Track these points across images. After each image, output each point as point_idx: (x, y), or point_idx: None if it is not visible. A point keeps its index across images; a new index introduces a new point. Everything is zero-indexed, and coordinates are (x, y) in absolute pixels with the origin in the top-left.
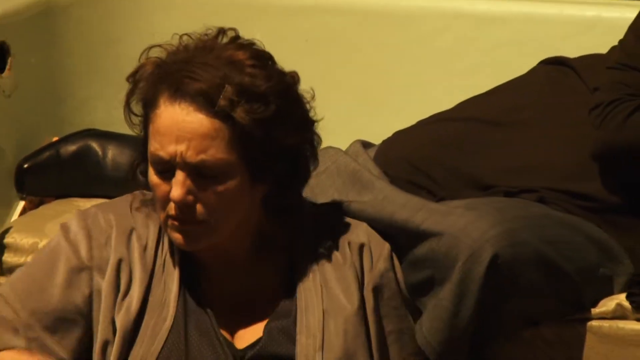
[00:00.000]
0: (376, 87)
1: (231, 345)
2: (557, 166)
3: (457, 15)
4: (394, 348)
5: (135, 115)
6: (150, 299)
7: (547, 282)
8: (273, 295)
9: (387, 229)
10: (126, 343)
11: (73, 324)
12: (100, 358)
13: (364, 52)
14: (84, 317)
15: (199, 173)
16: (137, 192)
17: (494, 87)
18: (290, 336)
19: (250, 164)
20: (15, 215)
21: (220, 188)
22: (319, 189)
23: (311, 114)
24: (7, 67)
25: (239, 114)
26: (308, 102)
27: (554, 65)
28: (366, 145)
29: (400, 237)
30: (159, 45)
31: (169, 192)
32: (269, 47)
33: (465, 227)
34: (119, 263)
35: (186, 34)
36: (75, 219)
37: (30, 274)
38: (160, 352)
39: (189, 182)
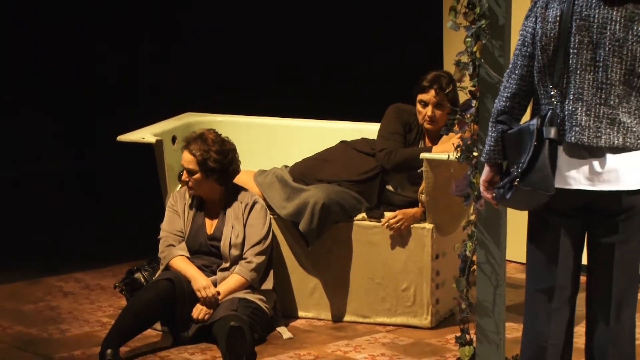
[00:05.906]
0: (296, 148)
1: (205, 231)
2: (344, 173)
3: (307, 128)
4: (249, 236)
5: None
6: (187, 212)
7: (340, 211)
8: (219, 217)
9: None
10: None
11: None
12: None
13: (294, 140)
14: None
15: (189, 172)
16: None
17: (325, 148)
18: (222, 232)
19: (204, 171)
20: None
21: (196, 177)
22: (270, 182)
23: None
24: (174, 145)
25: (200, 158)
26: (233, 153)
27: (344, 143)
28: (287, 166)
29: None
30: (193, 132)
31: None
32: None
33: (314, 193)
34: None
35: (194, 132)
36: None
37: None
38: (189, 230)
39: (189, 176)
